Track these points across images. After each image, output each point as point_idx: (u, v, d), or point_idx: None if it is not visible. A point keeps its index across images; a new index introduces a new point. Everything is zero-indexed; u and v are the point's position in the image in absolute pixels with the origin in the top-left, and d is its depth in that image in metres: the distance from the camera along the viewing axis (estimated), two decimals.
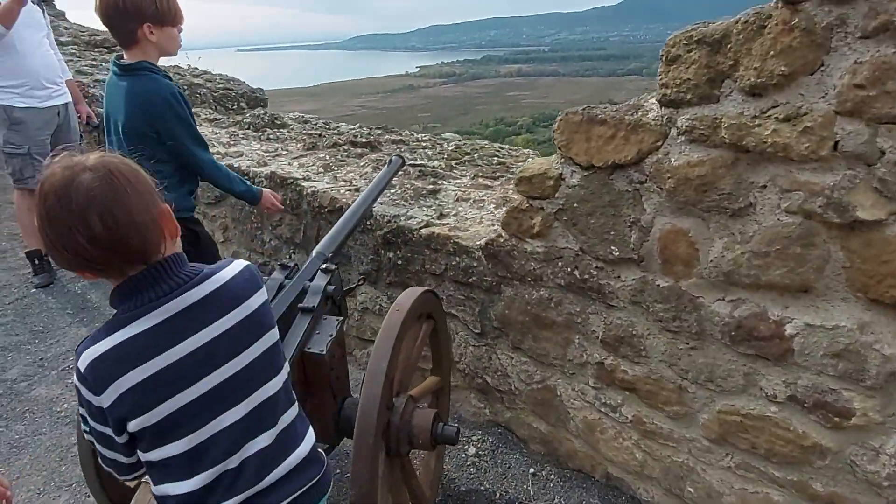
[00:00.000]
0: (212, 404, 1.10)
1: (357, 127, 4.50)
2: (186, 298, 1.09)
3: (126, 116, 2.26)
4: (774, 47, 1.48)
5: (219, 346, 1.10)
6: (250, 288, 1.16)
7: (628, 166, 1.84)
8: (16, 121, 3.79)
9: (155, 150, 2.24)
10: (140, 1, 2.18)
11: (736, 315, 1.74)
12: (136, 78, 2.24)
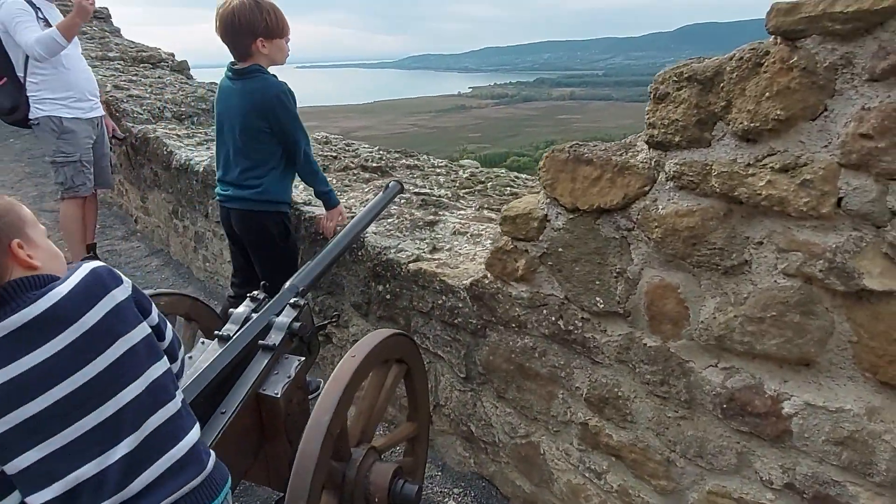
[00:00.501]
0: (62, 415, 1.11)
1: (375, 150, 4.43)
2: (16, 321, 1.09)
3: (241, 113, 2.50)
4: (770, 88, 1.30)
5: (56, 364, 1.10)
6: (86, 302, 1.15)
7: (614, 211, 1.67)
8: (65, 130, 3.87)
9: (265, 144, 2.52)
10: (253, 19, 2.43)
11: (728, 385, 1.54)
12: (249, 79, 2.50)
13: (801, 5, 1.22)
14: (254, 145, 2.56)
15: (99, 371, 1.14)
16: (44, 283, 1.15)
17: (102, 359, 1.15)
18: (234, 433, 1.73)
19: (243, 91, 2.51)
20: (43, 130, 3.84)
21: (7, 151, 6.91)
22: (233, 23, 2.44)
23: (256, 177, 2.59)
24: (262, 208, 2.62)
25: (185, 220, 4.35)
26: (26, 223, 1.21)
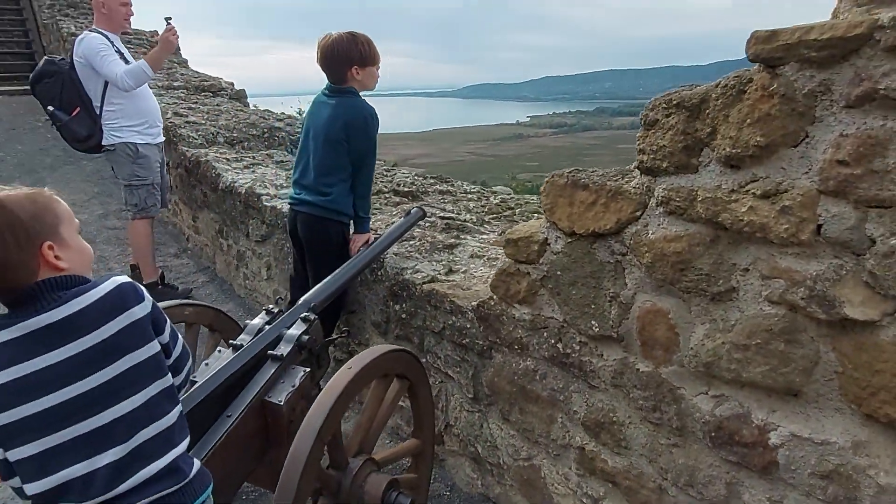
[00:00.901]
0: (59, 419, 1.18)
1: (411, 175, 4.54)
2: (35, 322, 1.17)
3: (328, 125, 2.73)
4: (752, 115, 1.31)
5: (62, 370, 1.18)
6: (102, 314, 1.21)
7: (609, 236, 1.69)
8: (140, 156, 4.12)
9: (341, 157, 2.74)
10: (349, 49, 2.71)
11: (717, 414, 1.52)
12: (344, 97, 2.76)
13: (779, 33, 1.23)
14: (332, 156, 2.75)
15: (102, 382, 1.21)
16: (71, 285, 1.22)
17: (108, 371, 1.22)
18: (240, 436, 1.81)
19: (336, 106, 2.75)
20: (119, 156, 4.07)
21: (80, 172, 7.39)
22: (332, 52, 2.72)
23: (328, 185, 2.76)
24: (327, 216, 2.79)
25: (229, 238, 4.55)
26: (62, 221, 1.27)
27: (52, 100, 3.90)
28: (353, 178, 2.79)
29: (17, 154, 7.84)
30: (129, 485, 1.22)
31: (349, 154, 2.73)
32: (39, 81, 3.90)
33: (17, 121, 8.93)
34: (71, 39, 8.94)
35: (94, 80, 3.96)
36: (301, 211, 2.84)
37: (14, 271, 1.17)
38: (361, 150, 2.74)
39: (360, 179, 2.79)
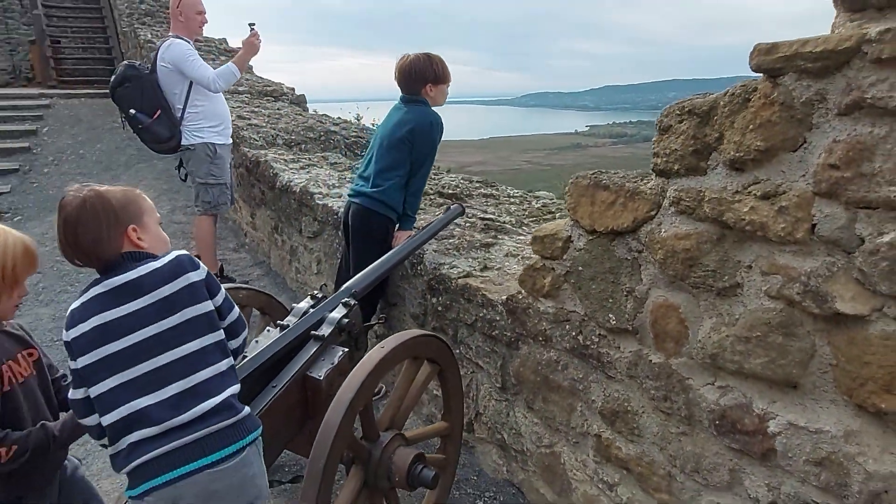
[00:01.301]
0: (133, 356, 1.44)
1: (458, 178, 4.70)
2: (116, 281, 1.48)
3: (396, 127, 2.99)
4: (754, 121, 1.41)
5: (135, 317, 1.46)
6: (164, 277, 1.50)
7: (626, 234, 1.80)
8: (217, 156, 4.43)
9: (403, 154, 2.97)
10: (425, 69, 2.99)
11: (721, 403, 1.61)
12: (416, 105, 3.03)
13: (779, 45, 1.33)
14: (394, 154, 2.99)
15: (163, 329, 1.48)
16: (142, 259, 1.53)
17: (169, 320, 1.49)
18: (283, 405, 2.01)
19: (406, 112, 3.03)
20: (198, 155, 4.36)
21: (151, 170, 7.90)
22: (409, 72, 3.00)
23: (385, 178, 2.99)
24: (376, 208, 3.00)
25: (283, 234, 4.82)
26: (145, 212, 1.60)
27: (133, 103, 4.16)
28: (410, 177, 3.00)
29: (96, 152, 8.43)
30: (190, 415, 1.44)
31: (411, 154, 2.96)
32: (121, 85, 4.17)
33: (97, 122, 9.58)
34: (148, 46, 9.55)
35: (178, 84, 4.25)
36: (354, 201, 3.07)
37: (106, 244, 1.50)
38: (423, 153, 2.98)
39: (416, 179, 3.02)
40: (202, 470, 1.44)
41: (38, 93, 10.94)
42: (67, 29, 13.80)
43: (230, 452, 1.47)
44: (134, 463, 1.42)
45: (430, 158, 3.02)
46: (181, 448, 1.43)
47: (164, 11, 12.33)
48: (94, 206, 1.49)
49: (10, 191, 7.25)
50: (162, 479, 1.41)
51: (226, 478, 1.47)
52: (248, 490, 1.52)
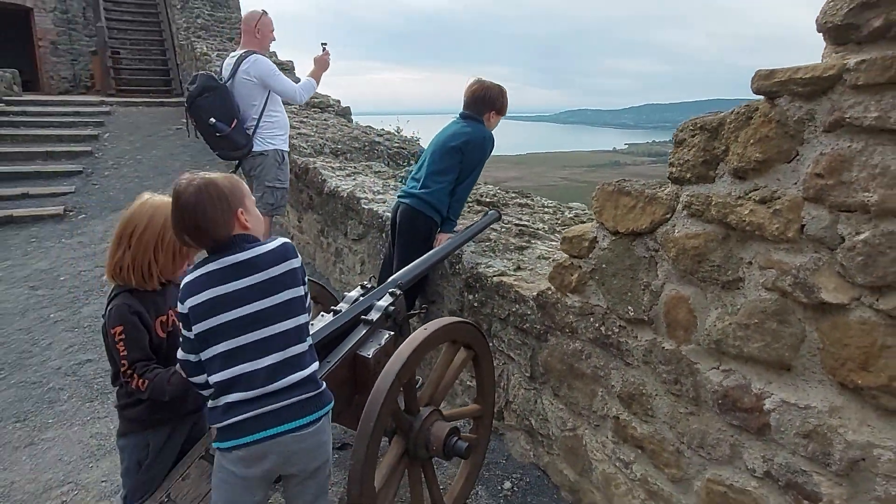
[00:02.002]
0: (242, 326, 1.66)
1: (496, 188, 4.96)
2: (231, 259, 1.70)
3: (451, 137, 3.30)
4: (755, 136, 1.63)
5: (246, 293, 1.68)
6: (273, 260, 1.71)
7: (644, 234, 2.03)
8: (284, 161, 4.80)
9: (453, 162, 3.27)
10: (496, 97, 3.33)
11: (724, 384, 1.81)
12: (472, 121, 3.35)
13: (776, 72, 1.56)
14: (445, 161, 3.29)
15: (269, 305, 1.69)
16: (253, 241, 1.75)
17: (274, 298, 1.70)
18: (335, 380, 2.27)
19: (465, 125, 3.34)
20: (269, 161, 4.68)
21: None
22: (484, 96, 3.32)
23: (435, 181, 3.29)
24: (422, 209, 3.30)
25: (328, 237, 5.14)
26: (245, 196, 1.79)
27: (213, 112, 4.45)
28: (457, 184, 3.29)
29: (152, 158, 8.95)
30: (282, 384, 1.67)
31: (461, 163, 3.26)
32: (201, 95, 4.45)
33: (154, 129, 10.15)
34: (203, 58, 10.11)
35: (259, 96, 4.60)
36: (404, 202, 3.37)
37: (222, 226, 1.70)
38: (472, 163, 3.28)
39: (462, 187, 3.31)
40: (288, 433, 1.68)
41: (98, 100, 11.62)
42: (127, 41, 14.59)
43: (311, 420, 1.72)
44: (229, 420, 1.65)
45: (478, 170, 3.31)
46: (273, 412, 1.66)
47: (219, 26, 12.98)
48: (209, 192, 1.68)
49: (74, 191, 7.78)
50: (253, 438, 1.65)
51: (305, 441, 1.72)
52: (321, 453, 1.78)
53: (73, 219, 7.05)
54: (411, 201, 3.31)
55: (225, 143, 4.56)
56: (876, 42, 1.38)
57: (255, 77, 4.56)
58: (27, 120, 9.89)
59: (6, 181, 7.95)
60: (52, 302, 4.91)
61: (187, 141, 9.82)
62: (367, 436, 1.92)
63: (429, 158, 3.37)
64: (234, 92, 4.58)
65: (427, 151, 3.45)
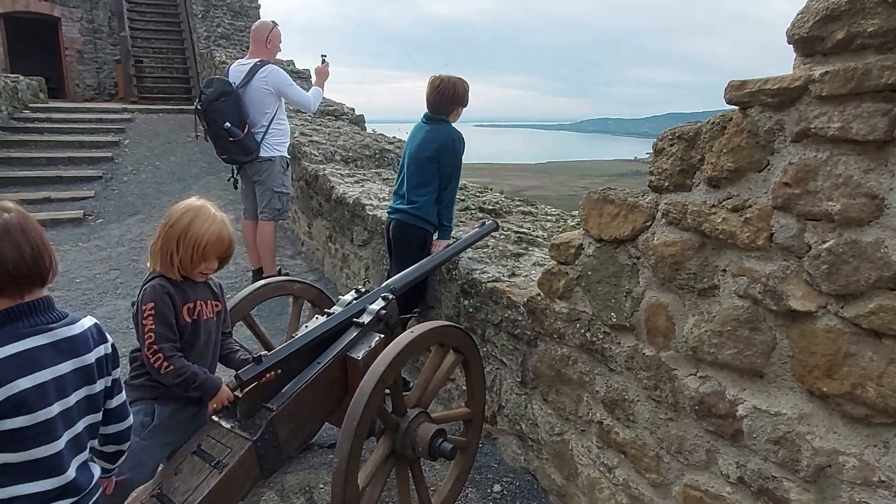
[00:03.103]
0: (63, 421, 1.38)
1: (500, 197, 5.01)
2: (63, 332, 1.40)
3: (421, 145, 3.33)
4: (727, 146, 1.66)
5: (70, 378, 1.39)
6: (92, 344, 1.46)
7: (627, 242, 2.06)
8: (288, 168, 4.97)
9: (431, 172, 3.31)
10: (463, 94, 3.38)
11: (700, 391, 1.83)
12: (438, 123, 3.38)
13: (747, 83, 1.59)
14: (423, 172, 3.35)
15: (81, 398, 1.43)
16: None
17: (85, 390, 1.44)
18: (325, 380, 2.34)
19: (431, 130, 3.37)
20: (276, 167, 4.82)
21: (219, 182, 8.52)
22: (454, 93, 3.34)
23: (418, 195, 3.34)
24: (414, 222, 3.36)
25: (336, 243, 5.22)
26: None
27: (227, 116, 4.57)
28: (441, 191, 3.33)
29: (170, 164, 9.15)
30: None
31: (439, 171, 3.30)
32: (218, 99, 4.57)
33: (172, 136, 10.36)
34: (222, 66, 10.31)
35: (272, 104, 4.76)
36: (394, 217, 3.43)
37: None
38: (450, 168, 3.31)
39: (447, 193, 3.34)
40: None
41: (121, 107, 11.89)
42: (150, 49, 14.93)
43: None
44: None
45: (458, 172, 3.34)
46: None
47: (239, 34, 13.24)
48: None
49: (94, 196, 7.98)
50: None
51: None
52: None
53: (92, 223, 7.24)
54: (401, 216, 3.39)
55: (236, 147, 4.68)
56: (839, 54, 1.40)
57: (273, 86, 4.72)
58: (51, 126, 10.16)
59: (30, 186, 8.17)
60: (67, 303, 5.04)
61: (205, 147, 10.00)
62: (351, 435, 1.97)
63: (406, 172, 3.42)
64: (246, 98, 4.71)
65: (403, 163, 3.50)
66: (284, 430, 2.21)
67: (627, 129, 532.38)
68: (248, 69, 4.76)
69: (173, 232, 2.08)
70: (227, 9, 13.62)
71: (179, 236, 2.07)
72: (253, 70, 4.74)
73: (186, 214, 2.09)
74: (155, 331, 2.02)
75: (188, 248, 2.07)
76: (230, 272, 5.72)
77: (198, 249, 2.07)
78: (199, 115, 4.69)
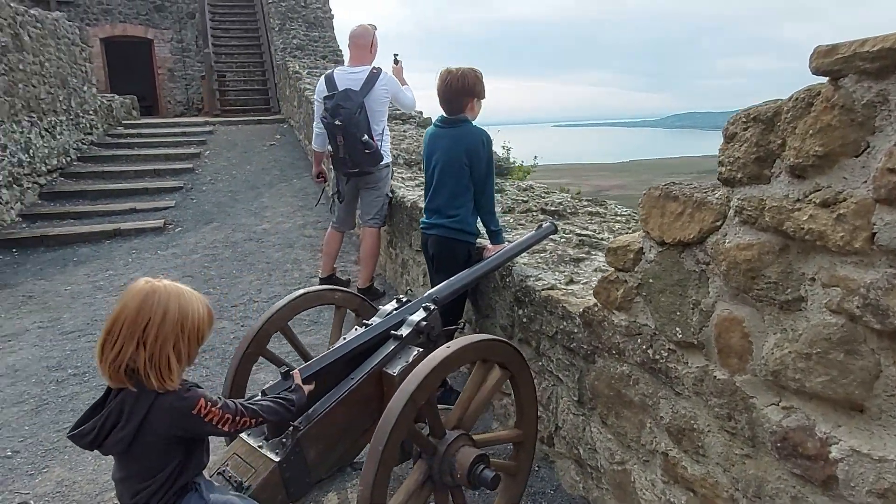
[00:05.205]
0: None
1: (566, 197, 4.71)
2: None
3: (447, 153, 3.07)
4: (814, 126, 1.35)
5: None
6: None
7: (693, 245, 1.76)
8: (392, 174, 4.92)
9: (463, 180, 3.08)
10: (474, 84, 3.07)
11: (784, 424, 1.52)
12: (458, 126, 3.09)
13: (838, 47, 1.28)
14: (455, 182, 3.11)
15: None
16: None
17: None
18: (359, 396, 2.17)
19: (453, 135, 3.09)
20: (385, 174, 4.74)
21: (290, 189, 8.67)
22: (461, 85, 3.06)
23: (455, 207, 3.13)
24: (454, 236, 3.15)
25: (396, 248, 5.09)
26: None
27: (363, 128, 4.39)
28: (477, 197, 3.09)
29: (245, 173, 9.39)
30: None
31: (471, 177, 3.05)
32: (358, 112, 4.37)
33: (249, 145, 10.67)
34: (296, 77, 10.53)
35: (386, 111, 4.70)
36: (431, 234, 3.23)
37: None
38: (482, 172, 3.05)
39: (484, 198, 3.10)
40: None
41: (203, 120, 12.41)
42: (233, 64, 15.54)
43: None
44: None
45: (492, 174, 3.08)
46: None
47: (313, 45, 13.52)
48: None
49: (174, 205, 8.28)
50: None
51: None
52: None
53: (171, 231, 7.49)
54: (440, 231, 3.17)
55: (369, 157, 4.49)
56: None
57: (391, 92, 4.63)
58: (140, 141, 10.71)
59: (118, 197, 8.60)
60: None
61: (278, 155, 10.26)
62: (377, 459, 1.78)
63: (435, 184, 3.17)
64: (372, 107, 4.52)
65: (430, 175, 3.21)
66: (313, 450, 2.06)
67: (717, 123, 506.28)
68: (364, 77, 4.56)
69: (169, 327, 1.60)
70: (303, 20, 13.95)
71: (177, 331, 1.62)
72: (372, 78, 4.56)
73: (169, 301, 1.62)
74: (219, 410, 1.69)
75: (192, 338, 1.66)
76: (294, 279, 5.74)
77: (201, 334, 1.69)
78: (337, 130, 4.39)
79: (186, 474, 1.73)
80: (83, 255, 6.79)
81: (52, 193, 8.50)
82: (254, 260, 6.25)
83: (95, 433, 1.62)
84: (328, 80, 4.72)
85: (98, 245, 7.10)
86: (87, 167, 9.49)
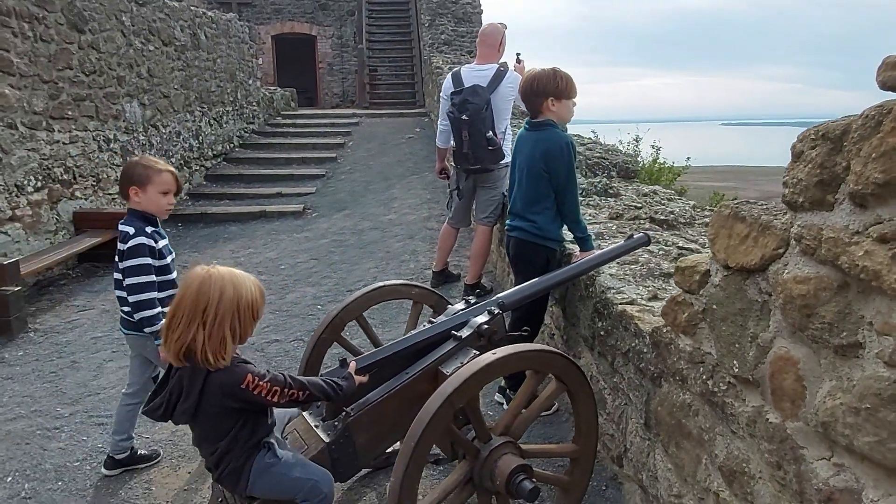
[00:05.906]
0: None
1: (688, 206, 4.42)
2: None
3: (529, 159, 3.06)
4: (878, 149, 1.18)
5: None
6: None
7: (756, 272, 1.61)
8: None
9: (543, 185, 3.03)
10: (546, 83, 2.99)
11: (831, 483, 1.35)
12: (541, 130, 3.04)
13: None
14: (535, 187, 3.08)
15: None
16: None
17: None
18: (412, 392, 2.23)
19: (535, 140, 3.06)
20: (503, 174, 4.64)
21: (420, 182, 8.95)
22: (531, 85, 3.02)
23: (534, 212, 3.09)
24: (534, 240, 3.12)
25: (503, 245, 5.10)
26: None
27: (489, 125, 4.41)
28: (559, 205, 3.01)
29: (380, 164, 9.85)
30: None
31: (551, 183, 2.99)
32: (485, 108, 4.40)
33: (388, 138, 11.16)
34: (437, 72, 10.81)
35: (510, 109, 4.76)
36: (512, 236, 3.20)
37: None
38: (562, 179, 2.97)
39: (566, 206, 3.02)
40: None
41: (351, 112, 13.19)
42: (386, 59, 16.32)
43: None
44: None
45: (573, 181, 2.99)
46: None
47: (460, 40, 13.78)
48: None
49: (314, 192, 8.91)
50: None
51: None
52: None
53: (308, 216, 8.08)
54: (520, 234, 3.14)
55: (492, 155, 4.53)
56: None
57: (516, 91, 4.52)
58: (293, 130, 11.63)
59: (267, 182, 9.43)
60: (268, 287, 5.61)
61: (415, 149, 10.63)
62: (408, 455, 1.84)
63: (517, 187, 3.14)
64: (499, 106, 4.59)
65: (513, 178, 3.22)
66: (363, 437, 2.16)
67: None
68: (491, 75, 4.61)
69: (225, 306, 1.79)
70: (452, 16, 14.26)
71: (233, 310, 1.81)
72: (499, 76, 4.61)
73: (224, 283, 1.80)
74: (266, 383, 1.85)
75: (247, 316, 1.84)
76: (409, 269, 5.95)
77: (255, 311, 1.87)
78: (463, 125, 4.44)
79: (256, 435, 1.92)
80: (231, 233, 7.54)
81: (215, 176, 9.51)
82: (375, 248, 6.56)
83: (164, 408, 1.85)
84: (455, 76, 4.79)
85: (245, 224, 7.84)
86: (246, 153, 10.49)
